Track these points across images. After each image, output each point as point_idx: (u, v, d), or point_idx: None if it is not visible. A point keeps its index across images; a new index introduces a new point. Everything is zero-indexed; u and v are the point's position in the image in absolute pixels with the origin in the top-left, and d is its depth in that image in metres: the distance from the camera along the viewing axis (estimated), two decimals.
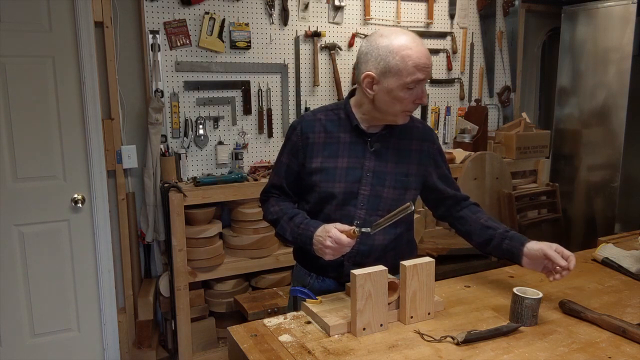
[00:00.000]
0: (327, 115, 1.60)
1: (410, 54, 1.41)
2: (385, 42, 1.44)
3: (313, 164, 1.56)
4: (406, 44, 1.42)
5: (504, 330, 1.34)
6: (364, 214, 1.55)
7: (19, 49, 2.41)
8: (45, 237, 2.57)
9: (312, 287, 1.63)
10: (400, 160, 1.58)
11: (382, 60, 1.44)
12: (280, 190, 1.66)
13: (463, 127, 3.60)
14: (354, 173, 1.54)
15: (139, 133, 2.78)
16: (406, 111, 1.51)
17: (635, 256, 1.82)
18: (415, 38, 1.46)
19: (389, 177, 1.56)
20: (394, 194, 1.56)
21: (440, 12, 3.47)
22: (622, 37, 3.28)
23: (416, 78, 1.42)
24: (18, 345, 2.58)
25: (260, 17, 2.94)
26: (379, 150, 1.56)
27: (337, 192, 1.54)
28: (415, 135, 1.61)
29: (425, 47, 1.46)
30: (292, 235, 1.54)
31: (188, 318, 2.68)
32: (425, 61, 1.43)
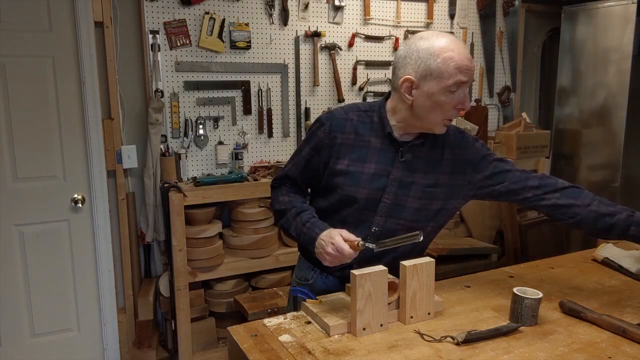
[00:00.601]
0: (360, 116, 1.54)
1: (452, 56, 1.37)
2: (426, 45, 1.39)
3: (339, 165, 1.50)
4: (448, 46, 1.38)
5: (504, 330, 1.34)
6: (382, 221, 1.50)
7: (19, 49, 2.41)
8: (45, 237, 2.57)
9: (315, 283, 1.62)
10: (430, 171, 1.51)
11: (422, 63, 1.39)
12: (293, 182, 1.61)
13: (463, 127, 3.60)
14: (379, 181, 1.49)
15: (139, 133, 2.78)
16: (446, 119, 1.44)
17: (635, 256, 1.82)
18: (457, 40, 1.42)
19: (414, 187, 1.49)
20: (418, 204, 1.50)
21: (440, 12, 3.47)
22: (622, 37, 3.28)
23: (458, 80, 1.37)
24: (18, 345, 2.58)
25: (260, 17, 2.94)
26: (409, 160, 1.50)
27: (360, 198, 1.49)
28: (447, 144, 1.53)
29: (467, 50, 1.43)
30: (295, 232, 1.51)
31: (188, 318, 2.68)
32: (468, 63, 1.38)
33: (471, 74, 1.40)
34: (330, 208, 1.55)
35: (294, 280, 1.73)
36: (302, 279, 1.66)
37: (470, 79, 1.41)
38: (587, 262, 1.90)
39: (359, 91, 3.28)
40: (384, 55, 3.33)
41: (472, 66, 1.40)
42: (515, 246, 3.36)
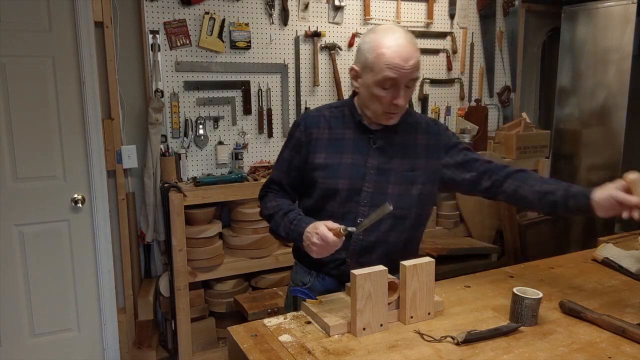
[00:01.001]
0: (332, 112, 1.61)
1: (385, 52, 1.41)
2: (370, 38, 1.46)
3: (316, 159, 1.56)
4: (385, 43, 1.42)
5: (504, 330, 1.34)
6: (367, 211, 1.52)
7: (19, 49, 2.41)
8: (45, 237, 2.57)
9: (313, 285, 1.62)
10: (406, 156, 1.56)
11: (363, 56, 1.47)
12: (279, 186, 1.65)
13: (463, 127, 3.60)
14: (357, 170, 1.53)
15: (139, 133, 2.78)
16: (386, 112, 1.49)
17: (635, 256, 1.82)
18: (402, 38, 1.43)
19: (393, 172, 1.54)
20: (399, 190, 1.54)
21: (440, 12, 3.47)
22: (622, 37, 3.28)
23: (386, 76, 1.42)
24: (18, 345, 2.58)
25: (260, 17, 2.94)
26: (383, 146, 1.55)
27: (341, 189, 1.53)
28: (420, 130, 1.60)
29: (411, 50, 1.43)
30: (284, 231, 1.53)
31: (188, 318, 2.68)
32: (399, 62, 1.41)
33: (404, 73, 1.42)
34: (315, 205, 1.58)
35: (290, 286, 1.74)
36: (299, 284, 1.67)
37: (403, 78, 1.43)
38: (587, 262, 1.90)
39: None
40: None
41: (406, 66, 1.41)
42: (515, 246, 3.36)
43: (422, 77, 3.47)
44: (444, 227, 3.36)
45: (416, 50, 1.45)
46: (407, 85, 1.47)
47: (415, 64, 1.44)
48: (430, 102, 3.55)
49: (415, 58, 1.44)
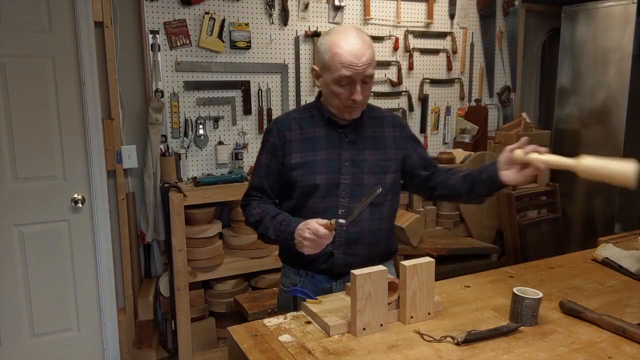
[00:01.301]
0: (301, 114, 1.68)
1: (338, 52, 1.49)
2: (325, 39, 1.55)
3: (292, 160, 1.61)
4: (339, 42, 1.50)
5: (504, 330, 1.35)
6: (347, 202, 1.59)
7: (19, 49, 2.41)
8: (45, 237, 2.57)
9: (304, 285, 1.65)
10: (377, 147, 1.65)
11: (321, 56, 1.56)
12: (261, 191, 1.68)
13: (463, 127, 3.60)
14: (332, 164, 1.60)
15: (139, 133, 2.78)
16: (346, 106, 1.56)
17: (635, 256, 1.82)
18: (354, 38, 1.51)
19: (366, 164, 1.62)
20: (374, 179, 1.61)
21: (440, 12, 3.47)
22: (622, 37, 3.28)
23: (342, 75, 1.49)
24: (18, 345, 2.58)
25: (260, 17, 2.94)
26: (354, 139, 1.63)
27: (320, 184, 1.59)
28: (386, 124, 1.70)
29: (364, 48, 1.50)
30: (274, 233, 1.56)
31: (188, 318, 2.68)
32: (352, 60, 1.48)
33: (358, 71, 1.49)
34: (297, 205, 1.63)
35: (281, 290, 1.76)
36: (290, 286, 1.68)
37: (358, 75, 1.50)
38: (587, 262, 1.90)
39: None
40: (384, 55, 3.33)
41: (359, 63, 1.49)
42: (515, 246, 3.36)
43: (423, 77, 3.48)
44: (444, 227, 3.36)
45: (369, 48, 1.52)
46: (364, 81, 1.54)
47: (368, 61, 1.51)
48: (430, 102, 3.55)
49: (368, 55, 1.51)
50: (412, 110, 3.48)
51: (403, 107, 3.45)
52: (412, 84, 3.47)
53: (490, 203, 3.43)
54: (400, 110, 3.44)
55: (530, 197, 3.49)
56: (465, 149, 3.49)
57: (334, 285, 1.64)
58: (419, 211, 3.19)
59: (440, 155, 3.32)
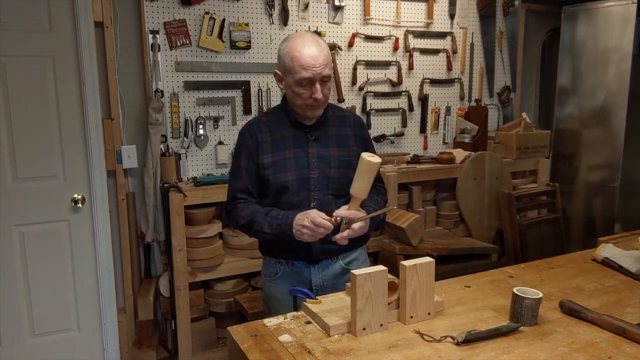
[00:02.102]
0: (269, 117, 1.82)
1: (296, 55, 1.62)
2: (284, 45, 1.68)
3: (264, 159, 1.74)
4: (296, 47, 1.63)
5: (504, 330, 1.35)
6: (317, 195, 1.73)
7: (19, 49, 2.41)
8: (45, 237, 2.57)
9: (284, 274, 1.80)
10: (341, 144, 1.78)
11: (281, 61, 1.69)
12: (247, 193, 1.77)
13: (463, 127, 3.60)
14: (301, 161, 1.73)
15: (139, 133, 2.78)
16: (308, 105, 1.68)
17: (635, 256, 1.82)
18: (309, 41, 1.64)
19: (332, 159, 1.75)
20: (340, 173, 1.74)
21: (440, 12, 3.47)
22: (622, 37, 3.28)
23: (302, 77, 1.62)
24: (18, 345, 2.58)
25: (260, 17, 2.94)
26: (319, 137, 1.76)
27: (290, 180, 1.72)
28: (348, 123, 1.83)
29: (319, 50, 1.63)
30: (270, 228, 1.67)
31: (188, 318, 2.68)
32: (310, 61, 1.61)
33: (316, 72, 1.62)
34: (273, 201, 1.75)
35: (264, 279, 1.90)
36: (272, 275, 1.84)
37: (317, 76, 1.63)
38: (587, 262, 1.90)
39: (358, 91, 3.28)
40: (384, 55, 3.33)
41: (316, 64, 1.62)
42: (515, 246, 3.36)
43: (423, 77, 3.48)
44: (444, 227, 3.36)
45: (324, 50, 1.65)
46: (323, 81, 1.66)
47: (324, 62, 1.64)
48: (430, 102, 3.55)
49: (324, 57, 1.64)
50: (412, 110, 3.48)
51: (403, 107, 3.45)
52: (412, 84, 3.47)
53: (490, 203, 3.43)
54: (401, 110, 3.44)
55: (530, 197, 3.49)
56: (465, 149, 3.49)
57: (313, 270, 1.77)
58: (419, 211, 3.19)
59: (440, 155, 3.32)
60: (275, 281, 1.83)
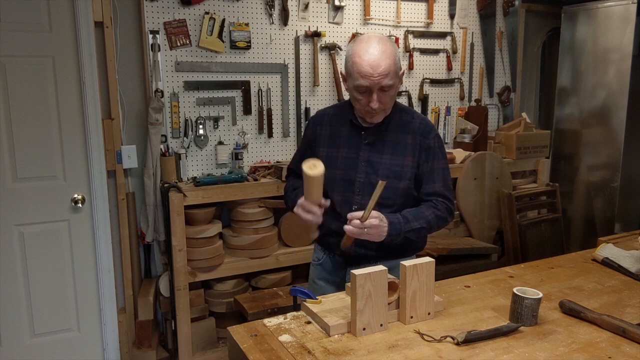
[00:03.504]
0: (335, 110, 1.83)
1: (357, 61, 1.58)
2: (350, 47, 1.65)
3: (320, 152, 1.77)
4: (358, 52, 1.58)
5: (504, 330, 1.35)
6: (360, 199, 1.71)
7: (19, 49, 2.41)
8: (45, 237, 2.57)
9: (325, 261, 1.86)
10: (396, 152, 1.71)
11: (345, 63, 1.67)
12: (294, 174, 1.90)
13: (463, 127, 3.60)
14: (351, 162, 1.72)
15: (139, 133, 2.78)
16: (366, 111, 1.65)
17: (635, 256, 1.82)
18: (373, 47, 1.57)
19: (382, 167, 1.70)
20: (388, 183, 1.62)
21: (440, 12, 3.47)
22: (622, 37, 3.28)
23: (359, 84, 1.59)
24: (18, 345, 2.58)
25: (260, 17, 2.94)
26: (374, 142, 1.72)
27: (338, 178, 1.73)
28: (410, 130, 1.73)
29: (381, 59, 1.56)
30: (286, 202, 1.84)
31: (188, 318, 2.68)
32: (369, 70, 1.56)
33: (374, 81, 1.57)
34: (324, 193, 1.72)
35: (311, 262, 1.97)
36: (316, 260, 1.92)
37: (374, 85, 1.58)
38: (587, 262, 1.90)
39: None
40: None
41: (375, 74, 1.56)
42: (515, 246, 3.36)
43: (423, 77, 3.48)
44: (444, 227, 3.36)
45: (387, 58, 1.57)
46: (383, 90, 1.60)
47: (385, 72, 1.56)
48: (430, 102, 3.55)
49: (385, 66, 1.56)
50: None
51: None
52: (412, 84, 3.47)
53: (490, 203, 3.43)
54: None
55: (530, 197, 3.49)
56: (465, 149, 3.49)
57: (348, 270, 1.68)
58: None
59: None
60: (316, 266, 1.91)
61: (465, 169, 3.30)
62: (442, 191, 1.72)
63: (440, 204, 1.71)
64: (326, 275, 1.86)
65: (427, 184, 1.72)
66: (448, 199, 1.73)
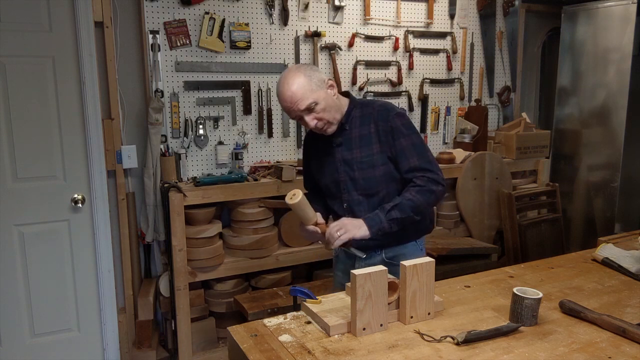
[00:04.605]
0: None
1: (279, 96, 1.74)
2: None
3: (312, 165, 1.96)
4: (278, 89, 1.73)
5: (504, 330, 1.35)
6: (347, 197, 1.85)
7: (19, 49, 2.41)
8: (45, 237, 2.57)
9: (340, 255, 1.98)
10: (363, 145, 1.80)
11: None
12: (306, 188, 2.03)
13: (463, 127, 3.60)
14: (331, 166, 1.86)
15: (139, 133, 2.78)
16: (316, 130, 1.77)
17: (635, 256, 1.82)
18: (284, 82, 1.71)
19: (354, 161, 1.81)
20: (364, 174, 1.80)
21: (440, 12, 3.47)
22: (622, 37, 3.28)
23: (286, 109, 1.75)
24: (18, 345, 2.58)
25: (260, 17, 2.94)
26: (342, 142, 1.83)
27: (328, 184, 1.88)
28: (372, 120, 1.81)
29: (292, 92, 1.68)
30: None
31: (188, 318, 2.68)
32: (288, 104, 1.71)
33: (294, 107, 1.70)
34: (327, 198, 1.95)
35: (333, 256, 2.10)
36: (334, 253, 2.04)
37: (297, 109, 1.70)
38: (587, 262, 1.90)
39: (359, 91, 3.28)
40: (384, 55, 3.33)
41: (293, 106, 1.70)
42: (515, 246, 3.36)
43: (423, 77, 3.48)
44: (444, 227, 3.36)
45: (296, 84, 1.69)
46: (310, 110, 1.71)
47: (298, 97, 1.68)
48: (430, 102, 3.55)
49: (299, 95, 1.68)
50: (412, 110, 3.48)
51: (403, 107, 3.44)
52: (412, 84, 3.47)
53: (490, 203, 3.43)
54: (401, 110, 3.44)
55: (530, 197, 3.49)
56: (465, 149, 3.49)
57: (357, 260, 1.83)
58: None
59: (441, 155, 3.32)
60: (335, 259, 2.03)
61: (465, 169, 3.30)
62: (417, 165, 1.74)
63: (418, 179, 1.73)
64: (342, 266, 1.98)
65: (401, 163, 1.77)
66: (426, 170, 1.74)
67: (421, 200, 1.71)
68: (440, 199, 1.81)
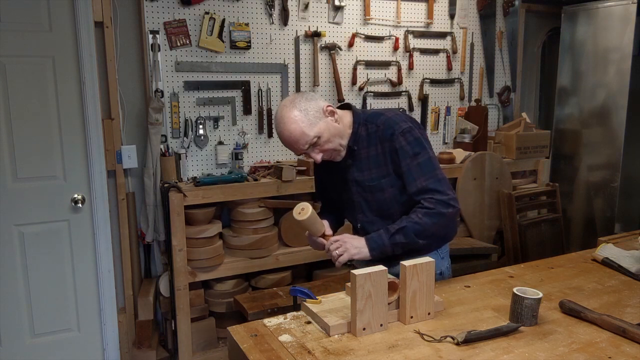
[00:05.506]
0: None
1: (276, 131, 1.67)
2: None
3: (324, 177, 1.92)
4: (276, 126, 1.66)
5: (504, 330, 1.35)
6: (361, 217, 1.80)
7: (19, 49, 2.41)
8: (45, 237, 2.57)
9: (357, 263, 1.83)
10: (373, 166, 1.73)
11: None
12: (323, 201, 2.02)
13: (463, 127, 3.60)
14: (345, 185, 1.80)
15: (139, 133, 2.78)
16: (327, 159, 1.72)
17: (635, 256, 1.82)
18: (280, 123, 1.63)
19: (366, 183, 1.74)
20: (377, 196, 1.74)
21: (440, 12, 3.47)
22: (622, 37, 3.28)
23: (288, 148, 1.68)
24: (18, 345, 2.58)
25: (260, 17, 2.94)
26: (353, 163, 1.75)
27: (343, 200, 1.85)
28: (377, 140, 1.71)
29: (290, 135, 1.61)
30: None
31: (188, 318, 2.68)
32: (290, 147, 1.66)
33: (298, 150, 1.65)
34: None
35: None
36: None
37: (300, 151, 1.66)
38: (587, 262, 1.90)
39: (359, 91, 3.28)
40: (384, 55, 3.33)
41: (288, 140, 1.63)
42: (515, 246, 3.36)
43: (423, 77, 3.48)
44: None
45: (296, 129, 1.60)
46: (314, 145, 1.64)
47: (300, 138, 1.61)
48: (430, 102, 3.55)
49: (297, 135, 1.60)
50: (412, 110, 3.48)
51: (403, 107, 3.45)
52: (412, 84, 3.47)
53: (490, 203, 3.43)
54: (401, 110, 3.44)
55: (530, 197, 3.49)
56: (465, 149, 3.49)
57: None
58: None
59: (440, 155, 3.32)
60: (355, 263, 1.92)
61: (465, 169, 3.30)
62: (425, 186, 1.63)
63: (426, 201, 1.63)
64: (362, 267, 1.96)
65: (408, 185, 1.66)
66: (435, 191, 1.63)
67: (429, 223, 1.61)
68: (452, 220, 1.71)
